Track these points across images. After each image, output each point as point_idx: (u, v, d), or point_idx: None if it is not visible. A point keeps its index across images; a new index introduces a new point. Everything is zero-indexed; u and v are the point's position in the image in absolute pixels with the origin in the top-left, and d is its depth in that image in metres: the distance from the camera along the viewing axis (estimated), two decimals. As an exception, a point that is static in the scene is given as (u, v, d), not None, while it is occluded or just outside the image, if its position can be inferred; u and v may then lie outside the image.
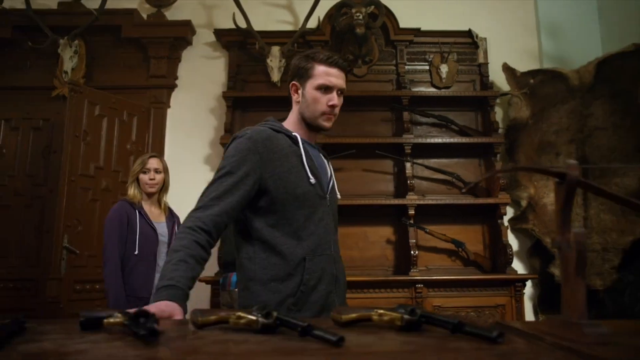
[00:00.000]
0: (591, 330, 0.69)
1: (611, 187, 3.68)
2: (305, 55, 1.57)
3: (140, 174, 2.76)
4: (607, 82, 3.79)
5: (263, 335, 0.75)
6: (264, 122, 1.60)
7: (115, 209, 2.71)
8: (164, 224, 2.78)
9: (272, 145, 1.47)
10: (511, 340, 0.67)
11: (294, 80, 1.59)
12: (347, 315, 0.84)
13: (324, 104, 1.52)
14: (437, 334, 0.73)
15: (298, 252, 1.43)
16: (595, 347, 0.66)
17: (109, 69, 4.24)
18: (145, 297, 2.58)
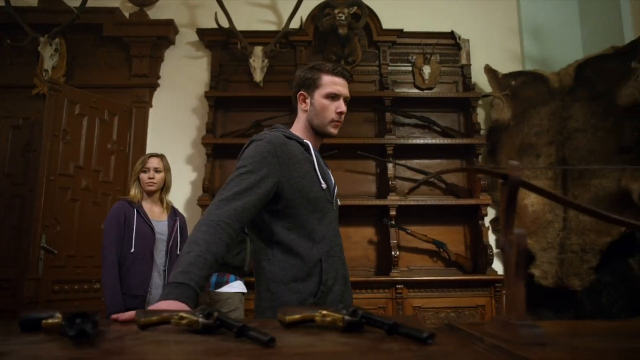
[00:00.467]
0: (527, 331, 0.69)
1: (590, 189, 3.71)
2: (311, 67, 1.64)
3: (141, 173, 2.78)
4: (587, 84, 3.82)
5: (202, 336, 0.75)
6: (275, 129, 1.63)
7: (114, 209, 2.72)
8: (164, 222, 2.77)
9: (287, 151, 1.52)
10: (444, 342, 0.67)
11: (301, 90, 1.64)
12: (291, 316, 0.84)
13: (333, 111, 1.59)
14: (376, 334, 0.73)
15: (314, 254, 1.49)
16: (526, 347, 0.66)
17: (91, 67, 4.21)
18: (141, 295, 2.60)
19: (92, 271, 3.69)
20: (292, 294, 1.46)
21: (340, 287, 1.55)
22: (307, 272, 1.48)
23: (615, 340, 0.79)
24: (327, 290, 1.50)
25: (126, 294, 2.57)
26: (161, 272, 2.70)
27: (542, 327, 0.69)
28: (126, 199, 2.77)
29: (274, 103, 4.09)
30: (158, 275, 2.69)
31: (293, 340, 0.71)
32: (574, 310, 3.72)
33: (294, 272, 1.47)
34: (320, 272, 1.48)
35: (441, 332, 0.84)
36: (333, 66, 1.62)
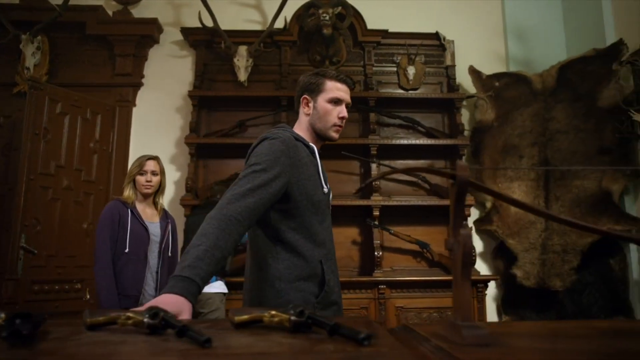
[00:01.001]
0: (469, 332, 0.69)
1: (572, 190, 3.74)
2: (316, 73, 1.69)
3: (137, 175, 2.75)
4: (569, 86, 3.84)
5: (147, 336, 0.74)
6: (282, 129, 1.65)
7: (108, 208, 2.69)
8: (157, 224, 2.76)
9: (297, 152, 1.56)
10: (384, 343, 0.66)
11: (305, 94, 1.68)
12: (239, 316, 0.83)
13: (335, 116, 1.64)
14: (321, 335, 0.72)
15: (315, 255, 1.54)
16: (467, 348, 0.66)
17: (74, 66, 4.18)
18: (134, 295, 2.58)
19: (73, 271, 3.67)
20: (297, 293, 1.50)
21: (338, 289, 1.62)
22: (310, 273, 1.52)
23: (569, 341, 0.79)
24: (330, 290, 1.55)
25: (120, 294, 2.55)
26: (154, 273, 2.69)
27: (485, 328, 0.69)
28: (120, 199, 2.74)
29: (258, 103, 4.08)
30: (151, 276, 2.67)
31: (234, 340, 0.70)
32: (556, 311, 3.74)
33: (298, 272, 1.51)
34: (322, 273, 1.54)
35: (395, 333, 0.84)
36: (337, 73, 1.67)
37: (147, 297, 2.61)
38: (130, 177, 2.77)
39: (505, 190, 3.95)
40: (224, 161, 4.08)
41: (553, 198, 3.78)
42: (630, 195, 3.66)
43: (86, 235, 3.77)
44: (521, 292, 3.82)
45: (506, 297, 3.95)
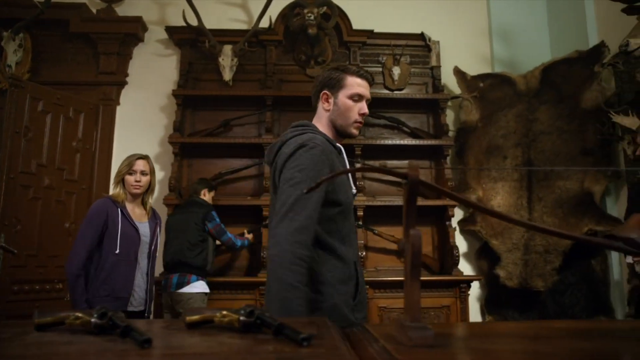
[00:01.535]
0: (416, 334, 0.69)
1: (554, 190, 3.76)
2: (336, 68, 1.66)
3: (127, 175, 2.66)
4: (553, 87, 3.87)
5: (94, 337, 0.73)
6: (311, 129, 1.60)
7: (97, 206, 2.60)
8: (146, 224, 2.69)
9: (333, 158, 1.54)
10: (325, 344, 0.66)
11: (325, 89, 1.64)
12: (191, 316, 0.82)
13: (356, 112, 1.60)
14: (268, 335, 0.72)
15: (350, 257, 1.54)
16: (411, 349, 0.66)
17: (57, 64, 4.15)
18: (124, 297, 2.51)
19: (54, 271, 3.63)
20: (340, 296, 1.48)
21: (366, 290, 1.63)
22: (348, 275, 1.51)
23: (528, 341, 0.79)
24: (363, 292, 1.55)
25: (110, 296, 2.47)
26: (144, 274, 2.62)
27: (432, 329, 0.69)
28: (110, 197, 2.66)
29: (243, 102, 4.07)
30: (141, 277, 2.60)
31: (179, 341, 0.69)
32: (538, 311, 3.76)
33: (339, 274, 1.50)
34: (357, 274, 1.54)
35: (352, 334, 0.84)
36: (357, 68, 1.64)
37: (137, 299, 2.56)
38: (120, 176, 2.68)
39: (489, 191, 3.97)
40: (209, 160, 4.07)
41: (536, 199, 3.80)
42: (611, 196, 3.69)
43: (68, 235, 3.74)
44: (504, 292, 3.84)
45: (490, 298, 3.96)
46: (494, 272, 3.84)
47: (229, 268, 3.90)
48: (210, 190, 3.54)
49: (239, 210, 3.87)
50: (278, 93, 4.04)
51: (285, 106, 4.12)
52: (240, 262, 3.93)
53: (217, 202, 3.71)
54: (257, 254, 3.81)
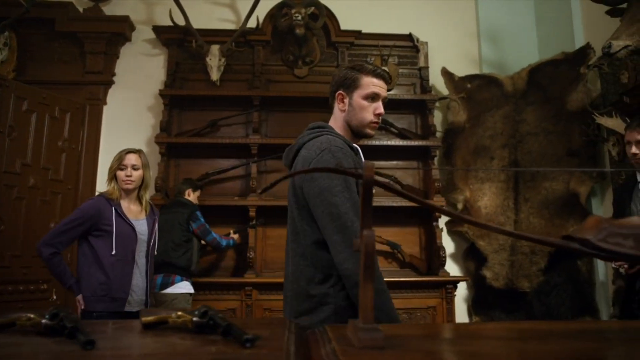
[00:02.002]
0: (365, 335, 0.68)
1: (541, 191, 3.77)
2: (352, 67, 1.64)
3: (118, 170, 2.56)
4: (539, 88, 3.88)
5: (43, 338, 0.72)
6: (327, 131, 1.59)
7: (89, 204, 2.50)
8: (143, 221, 2.58)
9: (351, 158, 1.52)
10: (271, 345, 0.65)
11: (340, 89, 1.62)
12: (146, 317, 0.81)
13: (372, 112, 1.59)
14: (219, 336, 0.71)
15: None
16: (359, 351, 0.65)
17: (43, 63, 4.12)
18: (122, 298, 2.43)
19: (39, 271, 3.60)
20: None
21: None
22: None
23: (485, 342, 0.79)
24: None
25: (106, 296, 2.40)
26: (143, 273, 2.53)
27: (382, 331, 0.68)
28: (104, 194, 2.55)
29: (230, 102, 4.05)
30: (140, 276, 2.51)
31: (127, 341, 0.69)
32: (525, 311, 3.77)
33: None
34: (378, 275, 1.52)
35: (311, 334, 0.83)
36: (373, 67, 1.62)
37: (136, 299, 2.48)
38: (111, 172, 2.59)
39: (476, 192, 3.98)
40: (196, 161, 4.05)
41: (522, 200, 3.81)
42: (596, 197, 3.71)
43: (53, 235, 3.71)
44: (491, 293, 3.84)
45: (476, 298, 3.97)
46: (480, 273, 3.85)
47: (215, 268, 3.88)
48: (194, 190, 3.52)
49: (226, 211, 3.86)
50: (265, 93, 4.03)
51: (272, 106, 4.11)
52: (226, 262, 3.91)
53: (204, 203, 3.69)
54: (243, 255, 3.80)
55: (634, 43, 2.67)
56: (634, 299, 2.47)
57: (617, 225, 0.79)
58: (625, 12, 2.78)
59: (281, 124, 4.12)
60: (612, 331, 0.92)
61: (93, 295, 2.41)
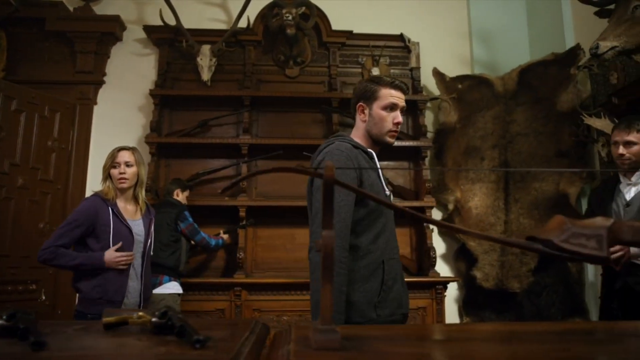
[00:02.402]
0: (320, 337, 0.68)
1: (530, 192, 3.77)
2: (371, 80, 1.77)
3: (111, 168, 2.49)
4: (530, 89, 3.88)
5: (0, 339, 0.71)
6: (341, 138, 1.72)
7: (86, 205, 2.43)
8: (139, 221, 2.53)
9: (359, 160, 1.65)
10: (221, 347, 0.65)
11: (361, 101, 1.74)
12: (107, 317, 0.81)
13: (390, 122, 1.69)
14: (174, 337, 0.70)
15: (378, 256, 1.61)
16: (312, 352, 0.65)
17: (34, 62, 4.10)
18: (118, 301, 2.37)
19: (27, 272, 3.60)
20: (359, 294, 1.57)
21: (399, 287, 1.66)
22: (371, 273, 1.59)
23: (443, 344, 0.79)
24: (388, 289, 1.61)
25: (102, 299, 2.34)
26: (138, 275, 2.48)
27: (339, 332, 0.68)
28: (99, 194, 2.49)
29: (221, 102, 4.05)
30: (135, 278, 2.46)
31: (82, 342, 0.68)
32: (515, 312, 3.77)
33: (361, 274, 1.58)
34: (383, 273, 1.60)
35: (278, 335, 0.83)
36: (391, 79, 1.73)
37: (131, 300, 2.43)
38: (105, 170, 2.52)
39: (467, 192, 3.98)
40: (187, 161, 4.04)
41: (512, 200, 3.81)
42: (586, 198, 3.70)
43: (42, 235, 3.69)
44: (481, 293, 3.84)
45: (467, 299, 3.97)
46: (471, 273, 3.84)
47: (205, 269, 3.87)
48: (183, 190, 3.51)
49: (217, 211, 3.85)
50: (256, 93, 4.02)
51: (263, 106, 4.11)
52: (217, 262, 3.91)
53: (194, 203, 3.69)
54: (233, 255, 3.79)
55: (621, 44, 2.67)
56: (613, 299, 2.45)
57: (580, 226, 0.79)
58: (613, 13, 2.79)
59: (272, 124, 4.11)
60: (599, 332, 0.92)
61: (88, 297, 2.35)
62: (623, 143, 2.42)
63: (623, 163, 2.43)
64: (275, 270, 3.87)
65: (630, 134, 2.40)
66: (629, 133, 2.40)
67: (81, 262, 2.34)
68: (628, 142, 2.40)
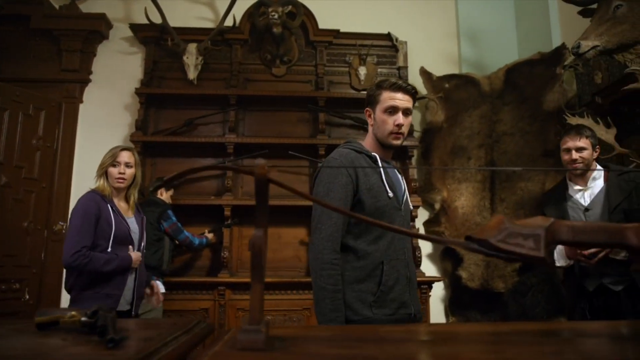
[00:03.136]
0: (244, 337, 0.67)
1: (516, 192, 3.76)
2: (376, 84, 1.78)
3: (110, 167, 2.50)
4: (516, 88, 3.87)
5: None
6: (347, 144, 1.78)
7: (86, 200, 2.42)
8: (133, 219, 2.55)
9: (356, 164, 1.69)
10: (132, 345, 0.64)
11: (367, 107, 1.79)
12: (40, 317, 0.80)
13: (391, 124, 1.70)
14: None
15: (378, 256, 1.63)
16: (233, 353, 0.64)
17: (19, 60, 4.08)
18: (116, 294, 2.37)
19: (11, 271, 3.58)
20: (352, 293, 1.59)
21: (401, 288, 1.65)
22: (368, 274, 1.61)
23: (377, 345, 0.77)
24: (386, 290, 1.61)
25: (99, 292, 2.34)
26: (133, 273, 2.48)
27: (263, 333, 0.67)
28: (96, 190, 2.48)
29: (207, 101, 4.03)
30: (131, 274, 2.46)
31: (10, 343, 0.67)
32: (500, 312, 3.77)
33: (357, 274, 1.61)
34: (381, 274, 1.61)
35: (222, 334, 0.82)
36: (393, 82, 1.73)
37: (127, 295, 2.43)
38: (102, 168, 2.52)
39: (454, 192, 3.97)
40: (173, 160, 4.03)
41: (498, 200, 3.80)
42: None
43: (26, 234, 3.69)
44: (467, 293, 3.83)
45: (453, 299, 3.96)
46: (456, 273, 3.84)
47: (190, 268, 3.86)
48: (167, 189, 3.50)
49: (202, 210, 3.84)
50: (242, 92, 4.01)
51: (250, 105, 4.09)
52: (202, 262, 3.89)
53: (179, 202, 3.67)
54: (218, 254, 3.78)
55: (603, 43, 2.66)
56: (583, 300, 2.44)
57: (518, 226, 0.78)
58: (595, 13, 2.78)
59: (259, 122, 4.10)
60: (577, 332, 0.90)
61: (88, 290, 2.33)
62: (575, 149, 2.50)
63: (575, 168, 2.49)
64: (260, 270, 3.85)
65: (581, 139, 2.49)
66: (580, 139, 2.49)
67: (117, 265, 2.35)
68: (579, 147, 2.49)
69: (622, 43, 2.65)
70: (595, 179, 2.50)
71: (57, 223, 3.87)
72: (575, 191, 2.53)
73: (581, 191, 2.51)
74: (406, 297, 1.66)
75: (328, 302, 1.54)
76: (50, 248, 3.84)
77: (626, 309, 2.29)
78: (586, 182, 2.50)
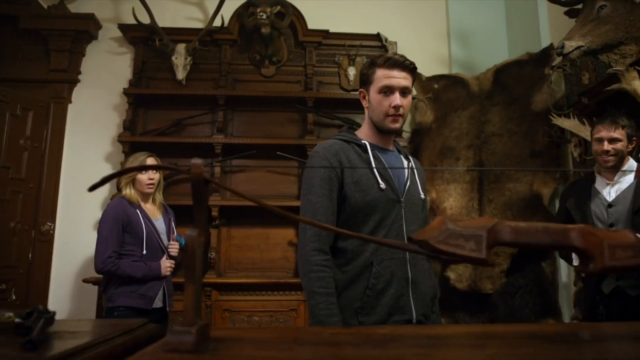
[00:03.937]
0: (172, 339, 0.66)
1: (504, 193, 3.75)
2: (370, 61, 1.59)
3: (139, 174, 2.69)
4: (505, 89, 3.87)
5: None
6: (338, 134, 1.65)
7: (113, 207, 2.62)
8: (161, 220, 2.75)
9: (340, 156, 1.53)
10: (55, 347, 0.63)
11: (361, 87, 1.61)
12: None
13: (387, 105, 1.52)
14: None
15: (366, 257, 1.47)
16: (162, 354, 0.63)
17: (7, 60, 4.07)
18: (151, 296, 2.57)
19: (-2, 271, 3.57)
20: (342, 300, 1.47)
21: (395, 290, 1.47)
22: (356, 277, 1.47)
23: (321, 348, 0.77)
24: (374, 295, 1.46)
25: (135, 292, 2.52)
26: None
27: (193, 335, 0.66)
28: (124, 197, 2.67)
29: (196, 101, 4.03)
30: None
31: None
32: (489, 313, 3.76)
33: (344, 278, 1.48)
34: (369, 276, 1.46)
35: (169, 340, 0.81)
36: (388, 57, 1.54)
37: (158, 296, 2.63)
38: (130, 176, 2.70)
39: (442, 193, 3.96)
40: (161, 160, 3.98)
41: (486, 201, 3.79)
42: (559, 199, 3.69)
43: (13, 235, 3.68)
44: (455, 294, 3.82)
45: (441, 300, 3.93)
46: (444, 274, 3.82)
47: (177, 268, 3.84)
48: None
49: (190, 210, 3.82)
50: (231, 92, 4.00)
51: (238, 106, 4.09)
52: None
53: (168, 202, 3.65)
54: (205, 255, 3.76)
55: (587, 44, 2.65)
56: (598, 302, 2.34)
57: (460, 227, 0.77)
58: (580, 13, 2.77)
59: (248, 123, 4.09)
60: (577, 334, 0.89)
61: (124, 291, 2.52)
62: (608, 139, 2.30)
63: (606, 160, 2.32)
64: (249, 271, 3.85)
65: (616, 130, 2.29)
66: (615, 129, 2.29)
67: (144, 274, 2.55)
68: (613, 138, 2.29)
69: (606, 43, 2.64)
70: (626, 174, 2.31)
71: (44, 223, 3.86)
72: (602, 185, 2.38)
73: (608, 185, 2.35)
74: (403, 302, 1.48)
75: (322, 307, 1.40)
76: (38, 248, 3.83)
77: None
78: (615, 175, 2.33)
